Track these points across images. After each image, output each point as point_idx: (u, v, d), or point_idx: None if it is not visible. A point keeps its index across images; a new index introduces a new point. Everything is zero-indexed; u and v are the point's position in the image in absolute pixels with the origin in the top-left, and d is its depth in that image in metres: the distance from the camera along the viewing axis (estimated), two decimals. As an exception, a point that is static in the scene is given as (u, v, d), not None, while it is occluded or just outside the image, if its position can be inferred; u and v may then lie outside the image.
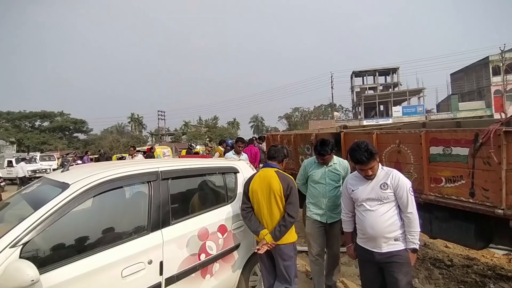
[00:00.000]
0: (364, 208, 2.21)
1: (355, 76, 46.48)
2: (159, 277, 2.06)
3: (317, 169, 3.00)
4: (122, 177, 2.11)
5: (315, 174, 2.98)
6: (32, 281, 1.45)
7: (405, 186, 2.13)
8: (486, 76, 35.26)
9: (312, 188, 3.04)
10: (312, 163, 3.06)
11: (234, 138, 33.67)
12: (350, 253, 2.50)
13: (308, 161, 3.15)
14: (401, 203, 2.14)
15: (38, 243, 1.70)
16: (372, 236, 2.16)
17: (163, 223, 2.20)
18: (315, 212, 3.00)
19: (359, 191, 2.24)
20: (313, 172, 3.00)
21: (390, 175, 2.17)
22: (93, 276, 1.77)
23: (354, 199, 2.30)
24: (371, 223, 2.15)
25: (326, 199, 2.93)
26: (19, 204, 2.24)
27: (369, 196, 2.18)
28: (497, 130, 2.64)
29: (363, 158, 2.10)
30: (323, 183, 2.95)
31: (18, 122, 43.65)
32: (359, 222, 2.26)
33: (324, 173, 2.96)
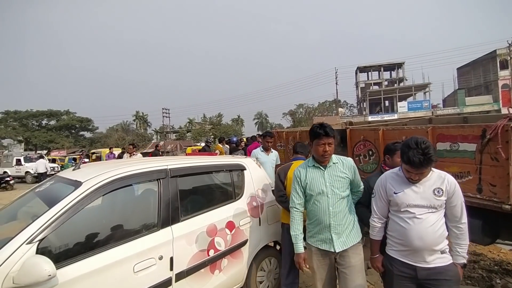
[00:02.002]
0: (409, 215, 1.84)
1: (359, 71, 46.12)
2: (169, 272, 2.11)
3: (313, 175, 2.17)
4: (133, 175, 2.16)
5: (312, 183, 2.16)
6: (49, 276, 1.50)
7: (461, 193, 1.84)
8: (493, 70, 34.78)
9: (310, 204, 2.20)
10: (305, 168, 2.23)
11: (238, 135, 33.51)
12: (377, 266, 2.09)
13: (299, 167, 2.26)
14: (453, 212, 1.84)
15: (53, 239, 1.75)
16: (419, 249, 1.81)
17: (172, 219, 2.24)
18: (317, 237, 2.17)
19: (404, 195, 1.86)
20: (309, 180, 2.18)
21: (444, 179, 1.83)
22: (106, 271, 1.82)
23: (394, 204, 1.91)
24: (419, 234, 1.79)
25: (331, 216, 2.10)
26: (33, 201, 2.29)
27: (418, 202, 1.82)
28: (505, 126, 2.63)
29: (416, 161, 1.71)
30: (325, 194, 2.12)
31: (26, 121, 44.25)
32: (400, 231, 1.87)
33: (324, 180, 2.14)
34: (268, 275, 2.96)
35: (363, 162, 4.35)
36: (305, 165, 2.25)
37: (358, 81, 46.87)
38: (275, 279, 3.05)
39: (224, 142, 9.71)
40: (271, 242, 3.05)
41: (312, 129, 2.09)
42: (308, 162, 2.24)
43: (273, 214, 3.06)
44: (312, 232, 2.21)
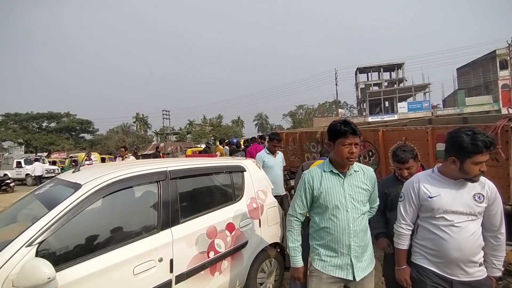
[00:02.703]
0: (445, 222, 1.66)
1: (359, 72, 46.15)
2: (169, 275, 2.10)
3: (330, 183, 1.78)
4: (132, 177, 2.16)
5: (329, 193, 1.76)
6: (49, 278, 1.49)
7: (500, 200, 1.70)
8: (493, 70, 34.76)
9: (322, 219, 1.80)
10: (319, 174, 1.82)
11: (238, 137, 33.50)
12: (405, 278, 1.85)
13: (312, 172, 1.86)
14: (492, 221, 1.68)
15: (53, 242, 1.75)
16: (456, 261, 1.64)
17: (172, 221, 2.24)
18: (331, 262, 1.78)
19: (440, 200, 1.67)
20: (324, 189, 1.77)
21: (485, 184, 1.67)
22: (106, 274, 1.81)
23: (428, 209, 1.72)
24: (459, 244, 1.62)
25: (351, 236, 1.74)
26: (33, 204, 2.29)
27: (456, 209, 1.64)
28: (505, 126, 2.63)
29: (485, 143, 1.51)
30: (345, 208, 1.75)
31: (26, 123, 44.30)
32: (435, 240, 1.69)
33: (343, 190, 1.76)
34: (269, 276, 2.95)
35: (363, 163, 4.35)
36: (319, 170, 1.83)
37: (358, 82, 46.88)
38: (275, 280, 3.04)
39: (225, 143, 9.72)
40: (271, 243, 3.03)
41: (333, 127, 1.75)
42: (323, 167, 1.82)
43: (273, 216, 3.05)
44: (323, 255, 1.80)
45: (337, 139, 1.73)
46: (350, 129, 1.70)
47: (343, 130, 1.70)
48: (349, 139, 1.69)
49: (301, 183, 1.85)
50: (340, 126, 1.72)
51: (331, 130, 1.78)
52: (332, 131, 1.77)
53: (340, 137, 1.71)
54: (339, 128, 1.72)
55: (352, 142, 1.70)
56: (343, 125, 1.72)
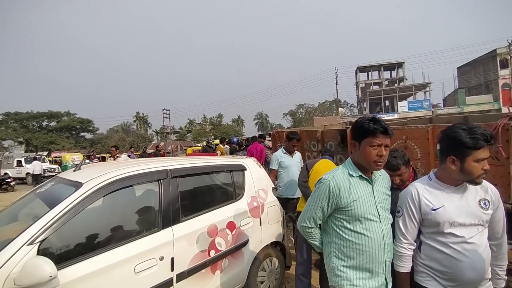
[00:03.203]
0: (456, 239, 1.44)
1: (359, 71, 46.10)
2: (170, 273, 2.11)
3: (361, 190, 1.52)
4: (133, 176, 2.16)
5: (360, 202, 1.50)
6: (50, 277, 1.50)
7: (502, 204, 1.55)
8: (493, 69, 34.70)
9: (353, 235, 1.50)
10: (346, 180, 1.53)
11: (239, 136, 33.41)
12: None
13: (337, 177, 1.53)
14: (496, 227, 1.54)
15: (54, 240, 1.75)
16: (473, 281, 1.44)
17: (173, 220, 2.24)
18: (366, 285, 1.51)
19: (445, 211, 1.46)
20: (355, 197, 1.50)
21: (488, 188, 1.51)
22: (107, 272, 1.82)
23: (432, 223, 1.50)
24: (472, 264, 1.41)
25: (386, 252, 1.52)
26: (34, 203, 2.30)
27: (463, 220, 1.44)
28: (505, 125, 2.63)
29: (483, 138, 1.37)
30: (378, 220, 1.52)
31: (26, 122, 44.30)
32: (445, 261, 1.46)
33: (374, 198, 1.54)
34: (269, 275, 2.96)
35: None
36: (345, 175, 1.53)
37: (358, 81, 46.84)
38: (276, 279, 3.05)
39: (225, 142, 9.73)
40: (272, 242, 3.04)
41: (360, 124, 1.51)
42: (349, 169, 1.55)
43: (274, 214, 3.06)
44: (355, 278, 1.50)
45: (363, 138, 1.49)
46: (381, 127, 1.45)
47: (372, 128, 1.45)
48: (378, 139, 1.45)
49: (323, 190, 1.52)
50: (369, 124, 1.47)
51: (357, 127, 1.54)
52: (358, 129, 1.53)
53: (367, 136, 1.47)
54: (367, 126, 1.47)
55: (382, 143, 1.45)
56: (372, 122, 1.47)
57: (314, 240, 1.68)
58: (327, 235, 1.63)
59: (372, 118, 1.50)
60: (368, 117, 1.53)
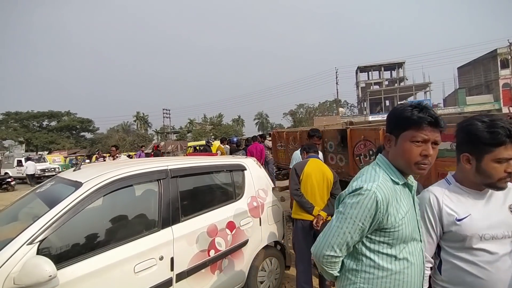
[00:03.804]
0: (490, 257, 1.17)
1: (360, 71, 46.08)
2: (170, 273, 2.11)
3: (408, 202, 1.18)
4: (133, 176, 2.16)
5: (407, 219, 1.14)
6: (50, 276, 1.50)
7: None
8: (494, 69, 34.66)
9: (394, 261, 1.13)
10: (393, 190, 1.13)
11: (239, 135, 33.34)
12: None
13: (383, 188, 1.10)
14: None
15: (54, 240, 1.75)
16: None
17: (173, 220, 2.24)
18: None
19: (474, 221, 1.20)
20: (401, 210, 1.13)
21: None
22: (107, 272, 1.82)
23: (457, 237, 1.22)
24: (504, 284, 1.17)
25: (423, 276, 1.21)
26: (34, 202, 2.30)
27: (496, 231, 1.19)
28: (506, 125, 2.62)
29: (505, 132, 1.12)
30: (419, 239, 1.20)
31: (26, 122, 44.32)
32: (474, 284, 1.18)
33: (415, 212, 1.21)
34: (269, 275, 2.96)
35: (364, 162, 4.35)
36: (389, 181, 1.13)
37: (358, 81, 46.81)
38: (275, 279, 3.05)
39: (226, 142, 9.73)
40: (271, 242, 3.04)
41: (400, 112, 1.12)
42: (390, 173, 1.15)
43: (273, 214, 3.06)
44: None
45: (403, 131, 1.10)
46: (429, 116, 1.06)
47: (416, 118, 1.07)
48: (424, 133, 1.06)
49: (367, 206, 1.07)
50: (412, 111, 1.08)
51: (395, 116, 1.15)
52: (396, 117, 1.14)
53: (409, 128, 1.08)
54: (409, 114, 1.08)
55: (429, 138, 1.07)
56: (417, 110, 1.08)
57: (333, 270, 1.20)
58: (353, 261, 1.17)
59: (418, 105, 1.12)
60: (412, 103, 1.14)
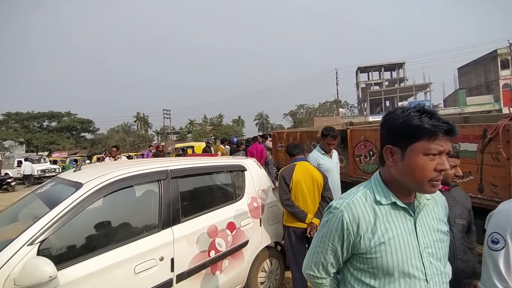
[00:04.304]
0: None
1: (360, 72, 46.11)
2: (170, 274, 2.11)
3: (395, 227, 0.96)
4: (133, 176, 2.16)
5: (394, 249, 0.94)
6: (50, 277, 1.50)
7: None
8: (494, 69, 34.65)
9: None
10: (368, 210, 0.98)
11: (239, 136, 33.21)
12: None
13: (354, 206, 0.98)
14: None
15: (54, 240, 1.75)
16: None
17: (173, 220, 2.24)
18: None
19: None
20: (385, 240, 0.94)
21: None
22: (107, 273, 1.82)
23: None
24: None
25: None
26: (34, 203, 2.30)
27: None
28: (506, 125, 2.62)
29: None
30: (423, 277, 0.96)
31: (27, 122, 44.33)
32: None
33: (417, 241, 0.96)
34: (269, 275, 2.96)
35: (364, 163, 4.36)
36: (369, 201, 0.98)
37: (358, 82, 46.84)
38: (276, 280, 3.05)
39: (226, 143, 9.74)
40: (272, 242, 3.04)
41: (408, 119, 0.90)
42: (375, 192, 0.99)
43: (274, 215, 3.06)
44: None
45: (413, 142, 0.89)
46: (445, 124, 0.87)
47: (430, 127, 0.86)
48: (440, 143, 0.87)
49: (333, 225, 0.98)
50: (422, 119, 0.87)
51: (399, 124, 0.91)
52: (403, 126, 0.91)
53: (421, 138, 0.88)
54: (421, 122, 0.87)
55: (445, 149, 0.88)
56: (428, 116, 0.88)
57: None
58: (344, 285, 1.06)
59: (423, 109, 0.90)
60: (416, 107, 0.92)
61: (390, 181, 0.99)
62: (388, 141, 0.97)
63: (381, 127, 1.03)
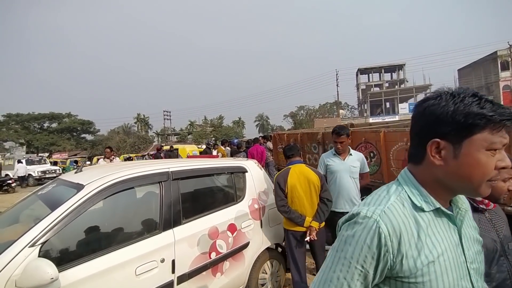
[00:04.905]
0: None
1: (360, 73, 46.17)
2: (171, 275, 2.10)
3: (442, 240, 0.75)
4: (134, 178, 2.16)
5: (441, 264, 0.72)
6: (52, 279, 1.50)
7: None
8: (494, 71, 34.73)
9: None
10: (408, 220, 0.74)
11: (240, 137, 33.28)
12: None
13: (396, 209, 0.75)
14: None
15: (55, 242, 1.76)
16: None
17: (174, 222, 2.24)
18: None
19: None
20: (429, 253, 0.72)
21: None
22: (108, 274, 1.82)
23: None
24: None
25: None
26: (35, 204, 2.30)
27: None
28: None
29: None
30: None
31: (27, 123, 44.33)
32: None
33: (464, 255, 0.77)
34: (270, 277, 2.95)
35: (365, 164, 4.35)
36: (408, 207, 0.76)
37: (359, 83, 46.88)
38: (276, 281, 3.04)
39: (226, 144, 9.76)
40: (272, 244, 3.04)
41: (467, 106, 0.71)
42: (413, 195, 0.78)
43: (274, 216, 3.05)
44: None
45: (471, 134, 0.71)
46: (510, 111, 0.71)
47: (495, 115, 0.69)
48: (504, 136, 0.71)
49: (364, 241, 0.72)
50: (484, 105, 0.70)
51: (454, 112, 0.72)
52: (459, 115, 0.71)
53: (483, 129, 0.70)
54: (481, 109, 0.70)
55: (507, 142, 0.73)
56: (488, 101, 0.71)
57: None
58: None
59: (478, 93, 0.73)
60: (471, 91, 0.74)
61: (429, 182, 0.78)
62: (431, 134, 0.74)
63: (417, 117, 0.79)
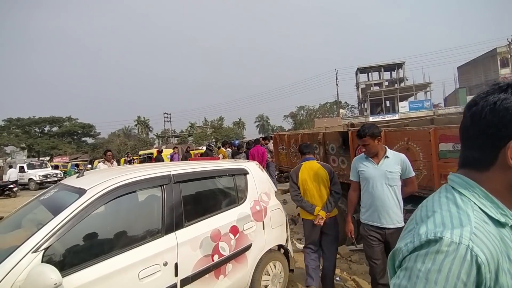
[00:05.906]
0: None
1: (360, 72, 46.15)
2: (174, 279, 2.11)
3: None
4: (136, 182, 2.17)
5: None
6: (55, 284, 1.50)
7: None
8: (494, 68, 34.71)
9: None
10: (497, 237, 0.61)
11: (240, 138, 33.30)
12: None
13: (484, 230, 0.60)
14: None
15: (59, 247, 1.76)
16: None
17: (176, 225, 2.24)
18: None
19: None
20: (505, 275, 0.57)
21: None
22: (111, 278, 1.82)
23: None
24: None
25: None
26: (38, 210, 2.30)
27: None
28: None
29: None
30: None
31: (28, 128, 44.46)
32: None
33: None
34: (273, 279, 2.95)
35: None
36: (491, 224, 0.63)
37: (358, 82, 46.86)
38: (279, 283, 3.04)
39: (227, 145, 9.76)
40: (275, 246, 3.04)
41: None
42: (491, 209, 0.64)
43: (276, 218, 3.06)
44: None
45: None
46: None
47: None
48: None
49: (453, 275, 0.55)
50: None
51: None
52: None
53: None
54: None
55: None
56: None
57: None
58: None
59: None
60: None
61: (501, 191, 0.66)
62: (508, 135, 0.62)
63: (483, 114, 0.67)
